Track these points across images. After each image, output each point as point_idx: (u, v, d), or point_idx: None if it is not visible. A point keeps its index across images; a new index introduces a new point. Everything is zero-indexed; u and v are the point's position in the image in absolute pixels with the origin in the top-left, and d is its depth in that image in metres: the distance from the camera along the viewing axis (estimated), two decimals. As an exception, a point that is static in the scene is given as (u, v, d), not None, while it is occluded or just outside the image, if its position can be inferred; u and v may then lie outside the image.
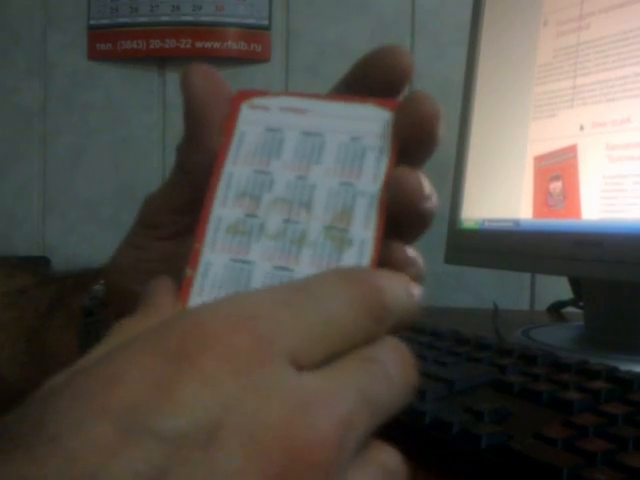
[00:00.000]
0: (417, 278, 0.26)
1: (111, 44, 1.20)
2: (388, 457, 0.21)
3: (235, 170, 0.26)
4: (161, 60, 1.20)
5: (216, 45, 1.16)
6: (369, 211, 0.25)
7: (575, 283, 0.87)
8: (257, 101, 0.27)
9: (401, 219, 0.25)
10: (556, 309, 0.96)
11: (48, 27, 1.22)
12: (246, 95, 0.27)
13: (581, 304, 0.82)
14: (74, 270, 0.37)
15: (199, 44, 1.16)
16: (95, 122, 1.22)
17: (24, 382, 0.34)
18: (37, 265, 1.08)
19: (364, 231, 0.25)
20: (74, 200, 1.22)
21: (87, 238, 1.21)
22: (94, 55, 1.21)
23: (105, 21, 1.20)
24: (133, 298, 0.29)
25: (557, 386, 0.41)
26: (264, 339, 0.19)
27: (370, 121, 0.26)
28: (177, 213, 0.29)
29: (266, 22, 1.16)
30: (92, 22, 1.20)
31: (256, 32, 1.16)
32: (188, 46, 1.17)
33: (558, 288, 0.95)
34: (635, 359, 0.57)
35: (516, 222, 0.70)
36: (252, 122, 0.26)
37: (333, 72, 1.08)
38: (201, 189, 0.26)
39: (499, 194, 0.73)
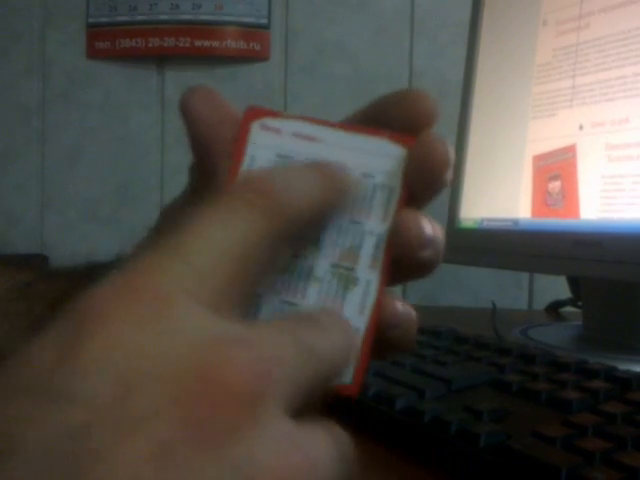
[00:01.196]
0: (404, 337, 0.26)
1: (110, 42, 1.19)
2: (337, 432, 0.20)
3: None
4: (160, 59, 1.20)
5: (215, 44, 1.16)
6: (376, 251, 0.25)
7: (573, 282, 0.87)
8: (269, 122, 0.26)
9: (400, 265, 0.25)
10: (554, 308, 0.96)
11: (47, 25, 1.22)
12: (257, 114, 0.26)
13: (579, 304, 0.82)
14: (82, 264, 0.37)
15: (198, 43, 1.16)
16: (94, 120, 1.22)
17: None
18: (37, 263, 1.08)
19: (370, 271, 0.25)
20: (72, 198, 1.22)
21: (85, 236, 1.21)
22: (93, 53, 1.21)
23: (104, 19, 1.19)
24: None
25: (556, 385, 0.41)
26: (158, 286, 0.18)
27: (383, 157, 0.25)
28: None
29: (265, 21, 1.16)
30: (91, 20, 1.20)
31: (255, 31, 1.16)
32: (187, 45, 1.16)
33: (556, 287, 0.95)
34: (634, 358, 0.57)
35: (515, 221, 0.70)
36: (263, 145, 0.26)
37: (332, 71, 1.09)
38: None
39: (498, 193, 0.73)
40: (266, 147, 0.26)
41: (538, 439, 0.34)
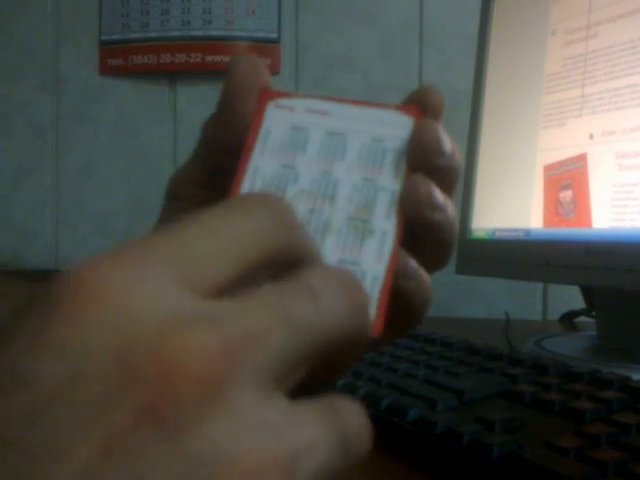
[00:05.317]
0: (419, 293, 0.26)
1: (122, 59, 1.21)
2: (344, 412, 0.18)
3: (261, 164, 0.27)
4: (172, 74, 1.21)
5: (226, 59, 1.17)
6: (390, 205, 0.26)
7: (587, 292, 0.86)
8: (282, 101, 0.28)
9: (413, 232, 0.26)
10: (568, 319, 0.95)
11: (60, 43, 1.24)
12: (271, 95, 0.28)
13: (593, 313, 0.82)
14: None
15: (209, 58, 1.17)
16: (107, 136, 1.23)
17: None
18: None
19: (385, 222, 0.26)
20: (86, 214, 1.23)
21: (99, 251, 1.22)
22: (106, 70, 1.22)
23: (116, 37, 1.21)
24: None
25: (569, 396, 0.41)
26: (145, 263, 0.18)
27: (392, 126, 0.27)
28: (196, 186, 0.30)
29: (275, 35, 1.17)
30: (103, 38, 1.22)
31: (265, 45, 1.17)
32: (198, 60, 1.18)
33: (570, 298, 0.94)
34: (648, 368, 0.57)
35: (527, 231, 0.70)
36: (278, 121, 0.27)
37: (342, 84, 1.09)
38: (219, 166, 0.27)
39: (509, 204, 0.73)
40: (281, 122, 0.27)
41: (551, 450, 0.33)
